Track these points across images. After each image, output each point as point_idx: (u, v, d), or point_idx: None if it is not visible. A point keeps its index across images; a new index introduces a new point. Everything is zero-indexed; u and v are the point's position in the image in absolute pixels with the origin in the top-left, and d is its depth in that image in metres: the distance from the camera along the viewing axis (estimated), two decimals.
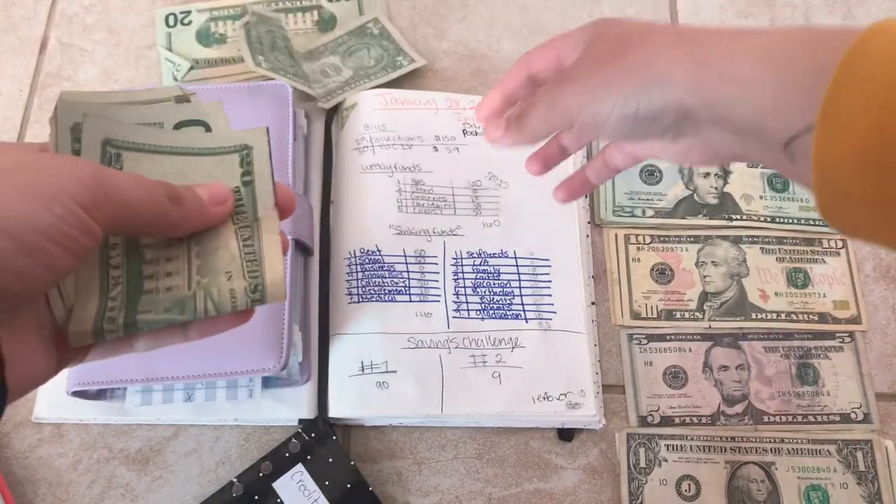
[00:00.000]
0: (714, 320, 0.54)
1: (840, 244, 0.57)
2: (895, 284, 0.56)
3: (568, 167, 0.53)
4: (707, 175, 0.59)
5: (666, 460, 0.50)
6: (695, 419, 0.51)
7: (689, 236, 0.57)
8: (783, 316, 0.54)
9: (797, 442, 0.50)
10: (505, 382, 0.51)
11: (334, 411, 0.50)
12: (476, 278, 0.54)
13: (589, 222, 0.57)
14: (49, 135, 0.29)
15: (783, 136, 0.25)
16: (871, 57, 0.22)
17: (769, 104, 0.25)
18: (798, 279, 0.56)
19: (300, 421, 0.50)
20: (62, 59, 0.64)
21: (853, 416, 0.51)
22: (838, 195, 0.23)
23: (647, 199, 0.58)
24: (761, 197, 0.58)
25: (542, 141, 0.35)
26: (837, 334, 0.54)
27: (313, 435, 0.49)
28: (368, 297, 0.53)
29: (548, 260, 0.55)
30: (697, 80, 0.27)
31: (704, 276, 0.56)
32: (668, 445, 0.50)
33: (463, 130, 0.59)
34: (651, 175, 0.59)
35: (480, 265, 0.55)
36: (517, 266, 0.55)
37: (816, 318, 0.55)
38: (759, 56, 0.25)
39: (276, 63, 0.57)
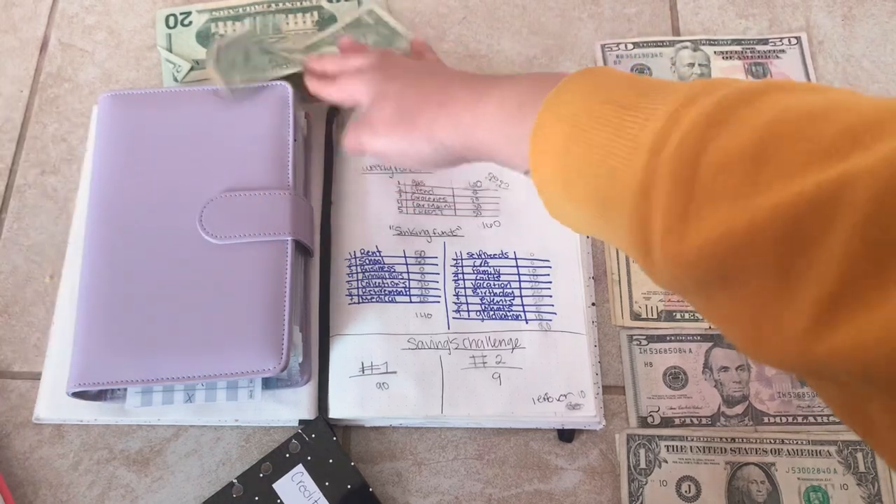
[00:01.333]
0: None
1: None
2: None
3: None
4: None
5: (666, 461, 0.50)
6: (695, 420, 0.51)
7: None
8: None
9: (797, 443, 0.50)
10: (505, 383, 0.51)
11: (334, 412, 0.50)
12: (476, 279, 0.54)
13: None
14: None
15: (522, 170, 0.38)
16: (551, 129, 0.33)
17: (507, 157, 0.38)
18: None
19: (300, 422, 0.50)
20: (62, 59, 0.64)
21: None
22: (551, 203, 0.36)
23: None
24: None
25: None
26: None
27: (313, 436, 0.49)
28: (368, 297, 0.53)
29: (548, 261, 0.55)
30: (464, 142, 0.40)
31: None
32: (668, 446, 0.50)
33: None
34: None
35: (480, 266, 0.55)
36: (517, 267, 0.55)
37: None
38: (494, 122, 0.38)
39: (253, 71, 0.56)
